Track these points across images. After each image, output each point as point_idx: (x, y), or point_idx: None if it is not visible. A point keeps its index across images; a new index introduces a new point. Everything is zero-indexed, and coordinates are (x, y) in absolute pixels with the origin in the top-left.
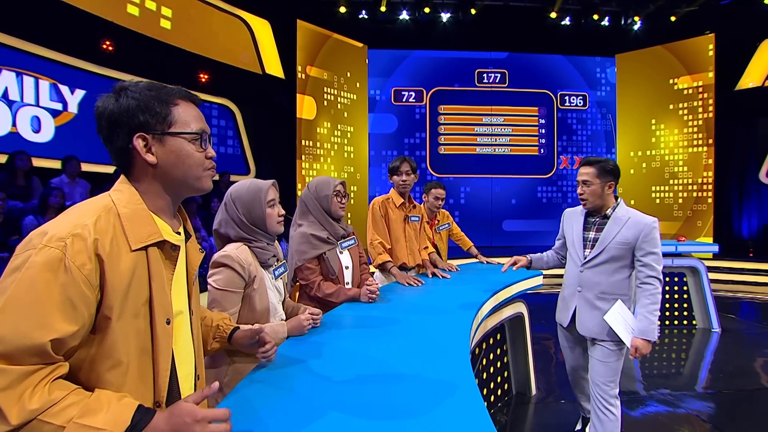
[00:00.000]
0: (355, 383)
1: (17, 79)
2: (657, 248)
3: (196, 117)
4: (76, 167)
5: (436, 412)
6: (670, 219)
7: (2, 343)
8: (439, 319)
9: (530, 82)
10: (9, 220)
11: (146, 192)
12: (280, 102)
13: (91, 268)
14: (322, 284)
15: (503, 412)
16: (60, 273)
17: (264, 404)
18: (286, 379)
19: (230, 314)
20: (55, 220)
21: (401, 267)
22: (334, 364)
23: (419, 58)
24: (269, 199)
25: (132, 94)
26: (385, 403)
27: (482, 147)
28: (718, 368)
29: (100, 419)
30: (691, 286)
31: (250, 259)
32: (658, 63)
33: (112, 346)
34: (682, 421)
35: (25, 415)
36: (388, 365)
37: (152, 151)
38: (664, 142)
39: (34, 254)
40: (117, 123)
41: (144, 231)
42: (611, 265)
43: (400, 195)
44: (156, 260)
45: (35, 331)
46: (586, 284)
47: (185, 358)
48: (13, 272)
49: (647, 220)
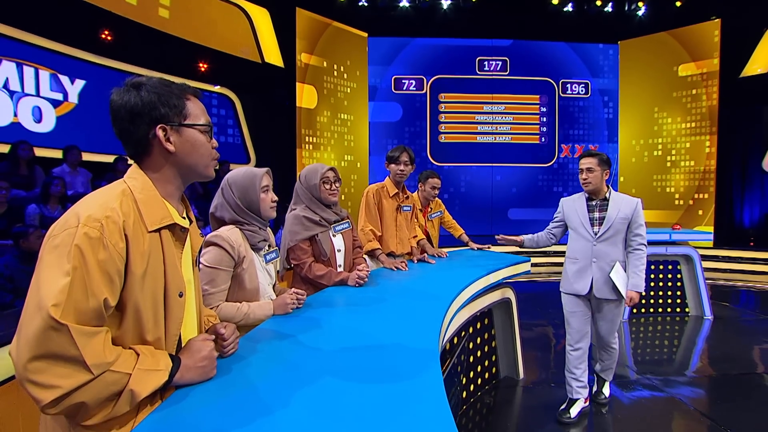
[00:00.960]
0: (344, 353)
1: (17, 70)
2: (643, 222)
3: (203, 110)
4: (77, 156)
5: (423, 378)
6: (671, 208)
7: (78, 309)
8: (420, 299)
9: (532, 70)
10: (12, 209)
11: (158, 179)
12: (279, 97)
13: (123, 246)
14: (313, 265)
15: (491, 394)
16: (100, 250)
17: (257, 374)
18: (277, 351)
19: (219, 291)
20: (83, 203)
21: (389, 254)
22: (323, 337)
23: (420, 46)
24: (263, 185)
25: (151, 89)
26: (372, 369)
27: (483, 135)
28: (706, 354)
29: (154, 363)
30: (684, 274)
31: (240, 241)
32: (662, 50)
33: (135, 315)
34: (666, 404)
35: (104, 366)
36: (373, 337)
37: (171, 141)
38: (667, 131)
39: (76, 233)
40: (139, 115)
41: (158, 214)
42: (617, 237)
43: (395, 184)
44: (168, 241)
45: (93, 298)
46: (601, 255)
47: (189, 325)
48: (55, 249)
49: (636, 200)
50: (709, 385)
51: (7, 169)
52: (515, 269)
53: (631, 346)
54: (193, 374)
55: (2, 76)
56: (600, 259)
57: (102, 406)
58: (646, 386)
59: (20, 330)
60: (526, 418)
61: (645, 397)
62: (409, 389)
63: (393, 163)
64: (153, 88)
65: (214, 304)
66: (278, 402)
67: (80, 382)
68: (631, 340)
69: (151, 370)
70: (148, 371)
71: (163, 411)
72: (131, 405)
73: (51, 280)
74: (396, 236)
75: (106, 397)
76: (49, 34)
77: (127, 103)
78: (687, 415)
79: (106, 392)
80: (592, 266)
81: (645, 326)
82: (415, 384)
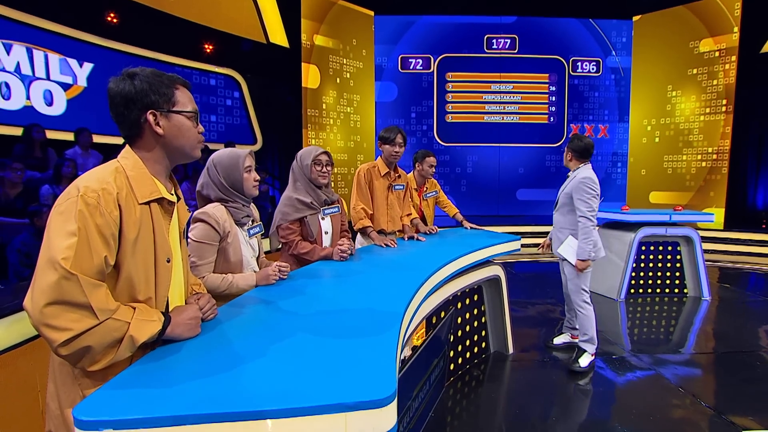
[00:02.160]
0: (318, 315)
1: (28, 54)
2: (584, 196)
3: (191, 99)
4: (88, 139)
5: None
6: (681, 189)
7: (83, 264)
8: (401, 272)
9: (541, 48)
10: (28, 190)
11: (148, 159)
12: (285, 78)
13: (117, 214)
14: (299, 244)
15: (480, 368)
16: (97, 215)
17: (237, 333)
18: (257, 314)
19: (206, 263)
20: (82, 178)
21: (380, 232)
22: (300, 303)
23: (427, 24)
24: (246, 165)
25: (144, 78)
26: (341, 328)
27: (490, 115)
28: (698, 334)
29: (149, 315)
30: (684, 255)
31: (225, 217)
32: (678, 25)
33: (128, 277)
34: (653, 382)
35: (108, 313)
36: (347, 303)
37: (160, 125)
38: (680, 110)
39: (77, 201)
40: (133, 101)
41: (147, 189)
42: (564, 209)
43: (386, 164)
44: (157, 213)
45: (95, 255)
46: (556, 224)
47: (176, 289)
48: (61, 215)
49: (580, 176)
50: (697, 363)
51: (22, 152)
52: (503, 247)
53: (627, 325)
54: (182, 329)
55: (14, 60)
56: (555, 227)
57: (106, 352)
58: (635, 364)
59: (34, 283)
60: (513, 390)
61: (634, 375)
62: (368, 343)
63: (387, 144)
64: (146, 78)
65: (202, 274)
66: (254, 353)
67: (88, 325)
68: (628, 319)
69: (146, 320)
70: (145, 321)
71: (153, 356)
72: (131, 350)
73: (60, 239)
74: (387, 214)
75: (109, 342)
76: (57, 17)
77: (122, 91)
78: (669, 391)
79: (109, 338)
80: (553, 231)
81: (642, 306)
82: (374, 340)
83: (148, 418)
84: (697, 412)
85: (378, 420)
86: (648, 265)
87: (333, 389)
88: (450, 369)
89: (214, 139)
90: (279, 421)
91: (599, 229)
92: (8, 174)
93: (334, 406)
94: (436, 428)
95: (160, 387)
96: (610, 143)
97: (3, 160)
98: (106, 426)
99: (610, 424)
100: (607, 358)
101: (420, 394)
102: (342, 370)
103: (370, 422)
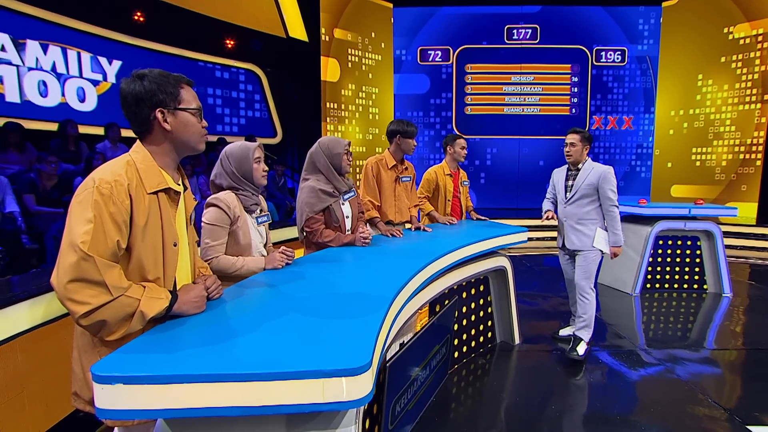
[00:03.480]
0: (312, 298)
1: (62, 54)
2: (613, 185)
3: (195, 97)
4: (117, 133)
5: (368, 317)
6: (710, 183)
7: (99, 247)
8: (401, 259)
9: (564, 38)
10: (63, 182)
11: (157, 152)
12: (304, 71)
13: (128, 203)
14: (323, 232)
15: (485, 357)
16: (110, 204)
17: (237, 311)
18: (257, 296)
19: (218, 243)
20: (98, 170)
21: (388, 222)
22: (299, 286)
23: (446, 15)
24: (256, 157)
25: (152, 79)
26: (331, 309)
27: (510, 107)
28: (715, 330)
29: (157, 293)
30: (704, 250)
31: (235, 203)
32: (712, 9)
33: (138, 259)
34: (662, 377)
35: (120, 291)
36: (341, 287)
37: (167, 121)
38: (711, 99)
39: (93, 191)
40: (142, 100)
41: (155, 180)
42: (583, 200)
43: (394, 157)
44: (164, 201)
45: (109, 239)
46: (569, 215)
47: (183, 270)
48: (79, 204)
49: (605, 168)
50: (711, 360)
51: (57, 146)
52: (509, 239)
53: (642, 320)
54: (188, 307)
55: (50, 60)
56: (569, 218)
57: (120, 324)
58: (645, 359)
59: (58, 263)
60: (517, 380)
61: (644, 369)
62: (353, 324)
63: (409, 138)
64: (154, 79)
65: (215, 254)
66: (248, 328)
67: (104, 300)
68: (642, 314)
69: (155, 297)
70: (154, 298)
71: (161, 328)
72: (142, 324)
73: (79, 225)
74: (394, 206)
75: (122, 316)
76: (88, 17)
77: (132, 91)
78: (678, 386)
79: (122, 312)
80: (565, 225)
81: (658, 301)
82: (360, 321)
83: (152, 376)
84: (705, 409)
85: (353, 387)
86: (665, 259)
87: (313, 359)
88: (454, 357)
89: (236, 133)
90: (262, 384)
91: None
92: (44, 167)
93: (312, 372)
94: (437, 412)
95: (165, 352)
96: (635, 135)
97: (40, 154)
98: (118, 381)
99: (613, 417)
100: (617, 351)
101: (419, 377)
102: (324, 345)
103: (345, 389)
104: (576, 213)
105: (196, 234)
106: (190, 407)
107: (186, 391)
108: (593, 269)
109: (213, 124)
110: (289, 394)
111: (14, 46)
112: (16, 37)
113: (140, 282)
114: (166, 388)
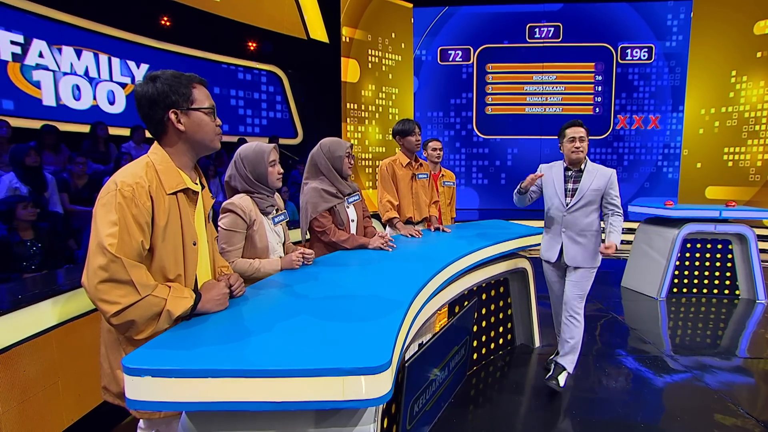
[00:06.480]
0: (326, 299)
1: (95, 59)
2: (618, 191)
3: (208, 96)
4: (142, 134)
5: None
6: (743, 184)
7: (125, 248)
8: (418, 262)
9: (587, 36)
10: (93, 181)
11: (174, 153)
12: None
13: (149, 204)
14: (336, 232)
15: (504, 360)
16: (132, 206)
17: (253, 310)
18: (274, 296)
19: (235, 249)
20: (119, 173)
21: (408, 221)
22: (313, 288)
23: (466, 15)
24: (270, 159)
25: (165, 81)
26: (344, 311)
27: (532, 107)
28: (747, 338)
29: (182, 293)
30: (736, 254)
31: (251, 207)
32: (745, 3)
33: (160, 258)
34: (688, 385)
35: (148, 290)
36: (356, 289)
37: (181, 122)
38: (745, 97)
39: (116, 194)
40: (156, 102)
41: (174, 181)
42: (588, 208)
43: (407, 155)
44: (183, 201)
45: (134, 240)
46: (570, 225)
47: (203, 268)
48: (103, 206)
49: (611, 171)
50: (742, 369)
51: (88, 147)
52: (530, 240)
53: (669, 325)
54: (211, 305)
55: (83, 65)
56: (569, 229)
57: (148, 323)
58: (672, 366)
59: (88, 264)
60: (535, 383)
61: (670, 376)
62: (373, 324)
63: (409, 135)
64: (166, 80)
65: (232, 259)
66: (268, 327)
67: (132, 300)
68: (669, 319)
69: (180, 297)
70: (179, 298)
71: (184, 325)
72: (169, 322)
73: (105, 227)
74: (413, 203)
75: (150, 315)
76: (118, 23)
77: (146, 93)
78: (705, 394)
79: (150, 312)
80: (562, 235)
81: (686, 306)
82: (373, 324)
83: (179, 369)
84: (737, 419)
85: (372, 385)
86: (694, 263)
87: (334, 357)
88: (473, 358)
89: (257, 133)
90: (284, 380)
91: (639, 225)
92: (73, 167)
93: (332, 370)
94: (455, 413)
95: (190, 348)
96: (662, 135)
97: (71, 154)
98: (147, 373)
99: (637, 425)
100: (641, 357)
101: (437, 378)
102: (344, 344)
103: (365, 387)
104: (578, 223)
105: (214, 230)
106: (214, 401)
107: (210, 385)
108: (588, 287)
109: (235, 125)
110: (309, 390)
111: (50, 52)
112: (52, 44)
113: (163, 282)
114: (192, 381)
